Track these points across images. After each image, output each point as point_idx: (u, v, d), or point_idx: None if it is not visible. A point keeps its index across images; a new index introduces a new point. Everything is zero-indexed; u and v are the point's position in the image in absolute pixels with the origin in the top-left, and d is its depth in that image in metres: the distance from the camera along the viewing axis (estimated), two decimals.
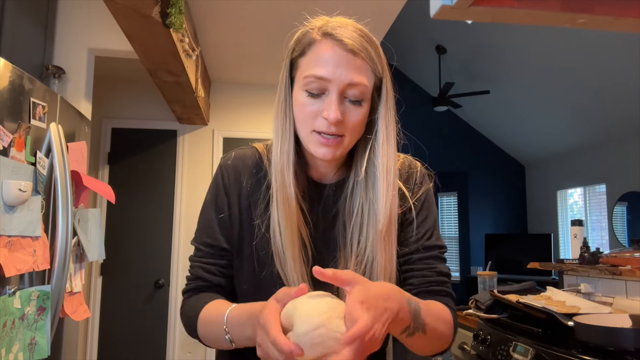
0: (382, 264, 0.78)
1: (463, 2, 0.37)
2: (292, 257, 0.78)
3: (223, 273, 0.87)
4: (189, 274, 0.89)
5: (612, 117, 4.89)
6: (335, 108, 0.73)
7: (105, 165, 3.51)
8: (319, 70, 0.74)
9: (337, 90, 0.74)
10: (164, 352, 3.40)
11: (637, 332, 1.19)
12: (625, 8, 0.40)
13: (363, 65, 0.75)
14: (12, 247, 1.32)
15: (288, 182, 0.78)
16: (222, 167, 0.89)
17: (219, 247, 0.86)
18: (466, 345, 1.85)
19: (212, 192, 0.89)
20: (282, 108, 0.80)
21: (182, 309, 0.88)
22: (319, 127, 0.75)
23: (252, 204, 0.85)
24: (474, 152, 6.81)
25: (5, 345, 1.28)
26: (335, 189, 0.85)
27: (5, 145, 1.32)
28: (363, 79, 0.75)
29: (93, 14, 2.45)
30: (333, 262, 0.82)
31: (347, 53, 0.74)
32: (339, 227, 0.83)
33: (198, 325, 0.81)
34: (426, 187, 0.88)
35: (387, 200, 0.78)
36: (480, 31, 4.92)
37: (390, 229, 0.79)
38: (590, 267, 1.83)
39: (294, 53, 0.80)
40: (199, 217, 0.91)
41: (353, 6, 0.71)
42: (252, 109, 3.73)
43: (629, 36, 3.71)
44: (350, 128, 0.76)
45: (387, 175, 0.79)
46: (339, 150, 0.77)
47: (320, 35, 0.76)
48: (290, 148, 0.79)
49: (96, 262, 3.37)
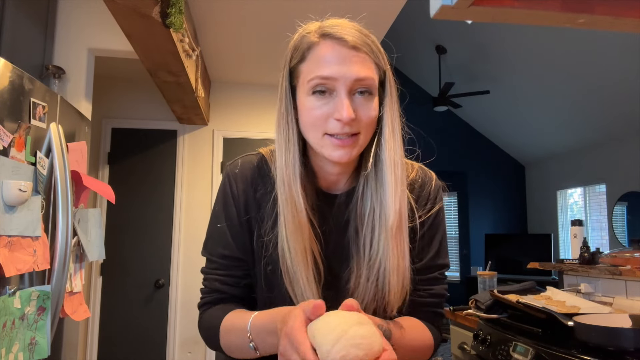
0: (395, 264, 0.76)
1: (463, 2, 0.37)
2: (303, 276, 0.75)
3: (240, 284, 0.84)
4: (204, 287, 0.87)
5: (612, 117, 4.89)
6: (347, 107, 0.71)
7: (105, 165, 3.51)
8: (323, 71, 0.72)
9: (345, 88, 0.72)
10: (164, 352, 3.40)
11: (637, 332, 1.19)
12: (625, 8, 0.40)
13: (367, 59, 0.74)
14: (12, 247, 1.32)
15: (296, 195, 0.76)
16: (229, 176, 0.86)
17: (234, 258, 0.84)
18: (466, 345, 1.85)
19: (220, 202, 0.86)
20: (284, 119, 0.78)
21: (200, 322, 0.86)
22: (332, 130, 0.73)
23: (259, 219, 0.82)
24: (474, 152, 6.81)
25: (5, 345, 1.28)
26: (347, 197, 0.82)
27: (5, 145, 1.32)
28: (369, 72, 0.73)
29: (93, 14, 2.45)
30: (346, 272, 0.80)
31: (349, 49, 0.73)
32: (351, 233, 0.81)
33: (220, 335, 0.79)
34: (440, 205, 0.86)
35: (395, 194, 0.76)
36: (480, 31, 4.92)
37: (401, 226, 0.76)
38: (590, 267, 1.83)
39: (293, 61, 0.77)
40: (209, 227, 0.88)
41: (353, 6, 0.71)
42: (252, 109, 3.73)
43: (629, 36, 3.71)
44: (364, 124, 0.74)
45: (394, 168, 0.76)
46: (354, 149, 0.75)
47: (319, 37, 0.75)
48: (295, 160, 0.76)
49: (96, 262, 3.37)
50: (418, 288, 0.83)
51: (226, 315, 0.79)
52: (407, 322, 0.79)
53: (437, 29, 5.43)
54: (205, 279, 0.87)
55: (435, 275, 0.85)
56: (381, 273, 0.76)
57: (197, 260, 3.50)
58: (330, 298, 0.78)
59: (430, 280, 0.85)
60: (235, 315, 0.78)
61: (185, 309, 3.43)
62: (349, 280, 0.79)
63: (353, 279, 0.79)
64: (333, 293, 0.79)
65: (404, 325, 0.76)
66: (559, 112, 5.37)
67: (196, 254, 3.51)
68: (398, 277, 0.76)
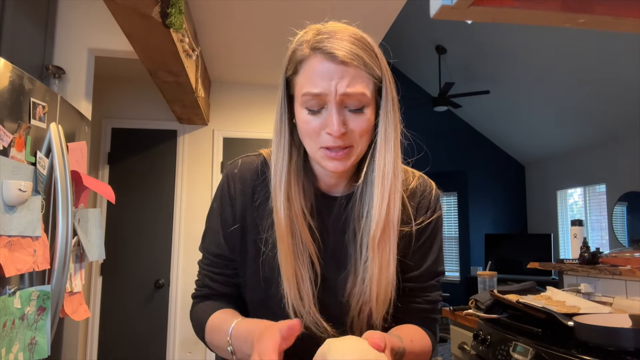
0: (376, 274, 0.77)
1: (463, 2, 0.37)
2: (298, 278, 0.77)
3: (230, 282, 0.88)
4: (198, 280, 0.91)
5: (612, 118, 4.89)
6: (336, 122, 0.72)
7: (105, 165, 3.51)
8: (313, 88, 0.73)
9: (334, 103, 0.72)
10: (164, 352, 3.40)
11: (637, 332, 1.19)
12: (625, 8, 0.40)
13: (357, 74, 0.73)
14: (12, 247, 1.32)
15: (285, 198, 0.78)
16: (228, 176, 0.87)
17: (225, 257, 0.87)
18: (466, 345, 1.85)
19: (218, 200, 0.88)
20: (277, 126, 0.80)
21: (191, 312, 0.90)
22: (325, 143, 0.74)
23: (258, 218, 0.84)
24: (474, 152, 6.81)
25: (5, 345, 1.28)
26: (347, 200, 0.83)
27: (5, 145, 1.32)
28: (359, 87, 0.73)
29: (93, 14, 2.45)
30: (344, 274, 0.81)
31: (337, 65, 0.72)
32: (349, 235, 0.81)
33: (205, 332, 0.83)
34: (438, 214, 0.88)
35: (381, 206, 0.76)
36: (480, 31, 4.92)
37: (386, 237, 0.77)
38: (590, 267, 1.83)
39: (288, 72, 0.78)
40: (206, 222, 0.90)
41: (353, 6, 0.70)
42: (252, 109, 3.73)
43: (629, 36, 3.71)
44: (357, 136, 0.75)
45: (383, 180, 0.77)
46: (349, 161, 0.76)
47: (310, 50, 0.74)
48: (284, 166, 0.78)
49: (96, 262, 3.37)
50: (415, 294, 0.86)
51: (213, 313, 0.83)
52: (413, 334, 0.81)
53: (437, 29, 5.43)
54: (199, 272, 0.91)
55: (432, 282, 0.88)
56: (367, 280, 0.78)
57: (197, 261, 3.50)
58: (326, 300, 0.80)
59: (428, 288, 0.87)
60: (221, 317, 0.82)
61: (185, 309, 3.42)
62: (347, 281, 0.80)
63: (350, 280, 0.80)
64: (329, 295, 0.80)
65: (413, 339, 0.78)
66: (559, 112, 5.37)
67: (196, 254, 3.49)
68: (379, 287, 0.77)
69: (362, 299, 0.79)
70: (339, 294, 0.80)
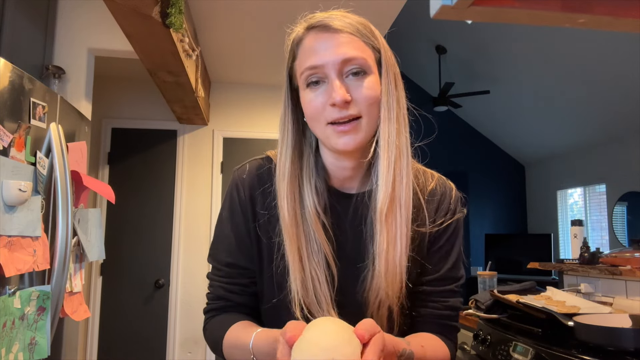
0: (384, 248, 0.73)
1: (463, 2, 0.37)
2: (314, 279, 0.74)
3: (246, 292, 0.84)
4: (209, 293, 0.86)
5: (612, 117, 4.89)
6: (337, 88, 0.70)
7: (105, 165, 3.51)
8: (311, 61, 0.72)
9: (335, 71, 0.71)
10: (164, 352, 3.40)
11: (637, 332, 1.19)
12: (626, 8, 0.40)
13: (353, 40, 0.72)
14: (12, 247, 1.32)
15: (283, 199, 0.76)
16: (236, 181, 0.85)
17: (239, 266, 0.83)
18: (466, 345, 1.85)
19: (227, 208, 0.85)
20: (282, 120, 0.79)
21: (205, 329, 0.85)
22: (331, 117, 0.72)
23: (269, 221, 0.81)
24: (474, 152, 6.81)
25: (5, 345, 1.28)
26: (362, 197, 0.80)
27: (5, 145, 1.32)
28: (356, 51, 0.71)
29: (93, 14, 2.45)
30: (363, 273, 0.77)
31: (331, 34, 0.72)
32: (368, 233, 0.77)
33: (224, 347, 0.78)
34: (459, 216, 0.84)
35: (387, 177, 0.73)
36: (481, 31, 4.92)
37: (394, 211, 0.74)
38: (590, 267, 1.83)
39: (289, 61, 0.78)
40: (215, 232, 0.87)
41: (352, 6, 0.70)
42: (252, 109, 3.73)
43: (629, 36, 3.71)
44: (363, 104, 0.72)
45: (387, 151, 0.74)
46: (358, 135, 0.72)
47: (304, 31, 0.75)
48: (287, 159, 0.77)
49: (96, 262, 3.37)
50: (434, 299, 0.82)
51: (230, 327, 0.78)
52: (426, 340, 0.77)
53: (437, 29, 5.43)
54: (211, 285, 0.86)
55: (452, 287, 0.83)
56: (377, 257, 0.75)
57: (197, 261, 3.50)
58: (344, 300, 0.77)
59: (446, 292, 0.83)
60: (239, 330, 0.77)
61: (185, 309, 3.42)
62: (364, 277, 0.77)
63: (369, 275, 0.76)
64: (347, 294, 0.78)
65: (424, 345, 0.75)
66: (559, 112, 5.37)
67: (196, 254, 3.51)
68: (387, 262, 0.74)
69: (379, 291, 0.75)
70: (357, 292, 0.77)
